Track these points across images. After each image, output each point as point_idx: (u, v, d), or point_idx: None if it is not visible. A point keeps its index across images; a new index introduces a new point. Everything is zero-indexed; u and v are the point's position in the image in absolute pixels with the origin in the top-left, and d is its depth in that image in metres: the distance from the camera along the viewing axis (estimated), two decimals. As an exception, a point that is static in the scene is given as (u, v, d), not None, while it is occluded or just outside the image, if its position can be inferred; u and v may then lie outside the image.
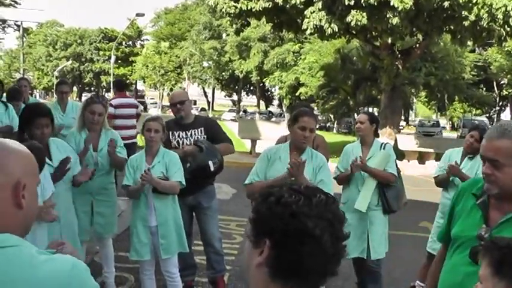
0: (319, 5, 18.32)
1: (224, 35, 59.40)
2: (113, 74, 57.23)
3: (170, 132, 6.16)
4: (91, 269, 1.83)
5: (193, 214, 6.42)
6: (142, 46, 73.51)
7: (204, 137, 6.23)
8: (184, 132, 6.26)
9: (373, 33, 21.06)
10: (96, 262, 6.97)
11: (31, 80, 45.65)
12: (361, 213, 5.86)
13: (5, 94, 8.08)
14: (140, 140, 5.90)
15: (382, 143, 6.25)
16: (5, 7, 52.24)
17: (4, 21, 59.49)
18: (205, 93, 71.54)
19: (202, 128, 6.29)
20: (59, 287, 1.69)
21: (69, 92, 8.96)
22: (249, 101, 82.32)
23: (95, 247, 6.90)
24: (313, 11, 18.55)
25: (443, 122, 61.87)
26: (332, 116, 43.45)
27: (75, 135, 5.97)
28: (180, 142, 6.23)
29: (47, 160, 4.74)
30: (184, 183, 5.54)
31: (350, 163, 5.90)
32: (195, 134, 6.26)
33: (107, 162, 5.98)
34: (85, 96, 68.83)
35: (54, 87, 8.87)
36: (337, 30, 18.69)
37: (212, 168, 5.91)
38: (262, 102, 68.32)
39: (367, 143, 6.16)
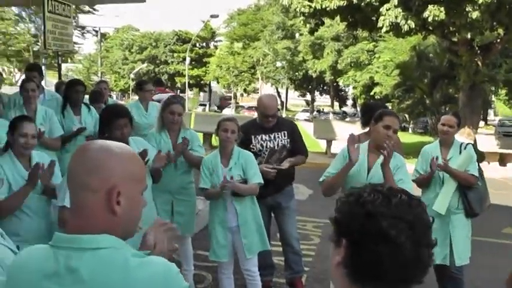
0: (395, 1, 17.88)
1: (297, 35, 59.31)
2: (188, 76, 58.03)
3: (252, 136, 6.09)
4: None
5: (272, 215, 6.37)
6: (215, 47, 74.18)
7: (287, 141, 6.14)
8: (267, 135, 6.16)
9: (451, 28, 20.29)
10: (175, 260, 6.95)
11: (109, 83, 46.68)
12: (442, 217, 5.62)
13: (87, 96, 8.14)
14: (214, 140, 5.86)
15: (462, 143, 5.95)
16: (84, 14, 53.92)
17: (83, 27, 61.38)
18: (278, 93, 71.59)
19: (286, 132, 6.19)
20: None
21: (153, 91, 9.07)
22: (323, 100, 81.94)
23: (174, 245, 6.85)
24: (389, 8, 18.15)
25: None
26: (407, 116, 42.62)
27: (155, 136, 6.00)
28: (264, 145, 6.13)
29: None
30: (262, 182, 5.48)
31: (429, 163, 5.68)
32: (278, 137, 6.16)
33: (186, 161, 5.97)
34: (160, 97, 69.96)
35: (138, 86, 8.94)
36: (413, 26, 18.22)
37: None
38: (336, 102, 68.00)
39: (447, 144, 5.91)
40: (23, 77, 8.99)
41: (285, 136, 6.16)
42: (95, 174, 1.76)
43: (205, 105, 73.25)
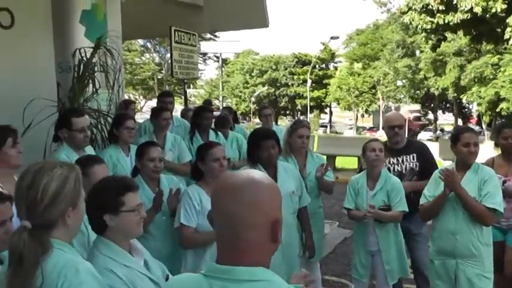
0: (523, 11, 17.30)
1: (418, 52, 58.16)
2: (309, 98, 58.20)
3: None
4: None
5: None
6: (335, 68, 74.01)
7: (416, 164, 6.00)
8: (395, 158, 6.07)
9: None
10: None
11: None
12: None
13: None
14: (344, 163, 5.87)
15: None
16: (206, 41, 55.60)
17: (205, 54, 63.28)
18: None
19: (415, 155, 6.06)
20: None
21: (272, 115, 9.20)
22: (445, 118, 79.68)
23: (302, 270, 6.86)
24: (516, 18, 17.56)
25: None
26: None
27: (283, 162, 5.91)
28: (392, 169, 6.03)
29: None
30: (407, 210, 5.44)
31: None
32: (406, 160, 6.05)
33: (316, 185, 5.95)
34: (280, 119, 70.62)
35: (258, 112, 9.16)
36: (543, 37, 17.53)
37: None
38: (459, 120, 65.99)
39: None
40: (148, 104, 9.35)
41: (413, 159, 6.02)
42: (257, 211, 1.79)
43: (326, 126, 73.18)
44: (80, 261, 2.40)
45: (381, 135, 35.97)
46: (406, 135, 6.69)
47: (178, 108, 10.88)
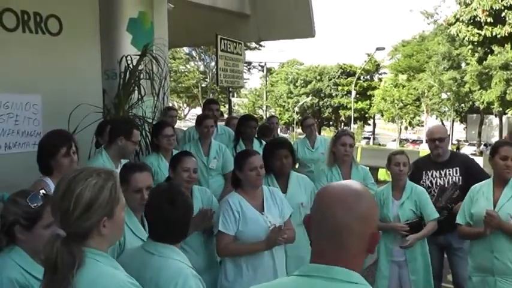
0: None
1: (463, 65, 57.45)
2: (353, 109, 57.95)
3: (424, 172, 6.00)
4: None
5: (445, 255, 6.19)
6: (380, 80, 73.52)
7: (459, 178, 5.90)
8: (438, 172, 6.00)
9: None
10: None
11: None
12: None
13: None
14: (386, 175, 5.88)
15: None
16: (251, 50, 55.91)
17: (250, 63, 63.57)
18: (443, 125, 69.45)
19: (458, 168, 5.96)
20: None
21: (315, 125, 9.16)
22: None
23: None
24: None
25: None
26: None
27: (326, 172, 5.98)
28: (434, 182, 5.98)
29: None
30: (439, 216, 5.51)
31: None
32: (449, 173, 5.96)
33: None
34: (324, 130, 70.42)
35: (300, 122, 9.19)
36: None
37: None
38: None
39: None
40: (192, 111, 9.38)
41: (456, 173, 5.93)
42: (365, 223, 1.86)
43: (369, 138, 72.74)
44: (114, 272, 2.38)
45: (424, 148, 35.61)
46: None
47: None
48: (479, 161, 23.10)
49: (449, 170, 5.97)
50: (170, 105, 9.38)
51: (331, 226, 1.86)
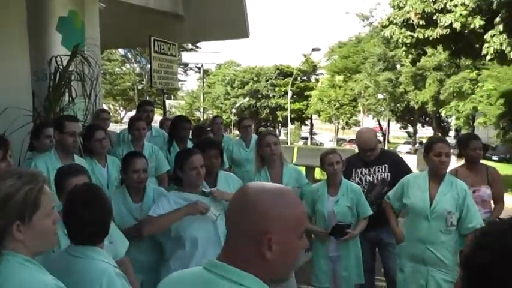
0: (500, 27, 17.39)
1: (398, 66, 58.52)
2: (290, 109, 58.27)
3: (353, 169, 6.12)
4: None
5: (376, 250, 6.37)
6: (317, 80, 74.16)
7: (387, 175, 6.06)
8: (367, 169, 6.15)
9: (560, 55, 19.48)
10: None
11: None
12: None
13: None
14: (321, 174, 5.95)
15: None
16: (187, 52, 55.56)
17: (186, 64, 63.26)
18: (380, 125, 70.66)
19: (387, 165, 6.11)
20: None
21: (252, 126, 9.20)
22: (425, 132, 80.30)
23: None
24: (494, 35, 17.65)
25: None
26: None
27: (255, 176, 5.95)
28: (363, 179, 6.12)
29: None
30: (372, 212, 5.67)
31: None
32: (378, 170, 6.12)
33: None
34: (262, 131, 70.51)
35: (237, 123, 9.18)
36: (520, 53, 17.64)
37: None
38: (438, 134, 66.36)
39: None
40: (128, 114, 9.26)
41: (385, 170, 6.09)
42: (247, 217, 1.78)
43: (306, 138, 73.28)
44: (40, 275, 2.32)
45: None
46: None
47: (158, 119, 10.81)
48: (414, 159, 23.58)
49: (378, 167, 6.11)
50: (103, 107, 9.21)
51: (229, 224, 1.85)
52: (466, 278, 1.65)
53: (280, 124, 72.87)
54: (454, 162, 6.14)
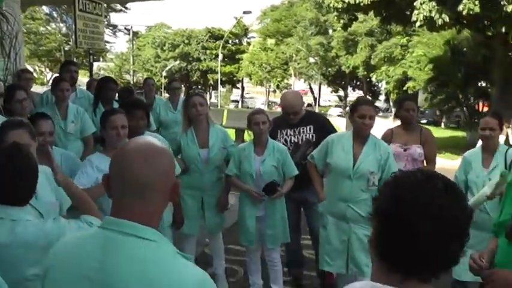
0: (429, -5, 17.66)
1: (330, 31, 58.94)
2: (220, 72, 58.03)
3: (279, 131, 6.15)
4: (202, 261, 1.84)
5: (302, 209, 6.50)
6: (248, 44, 74.04)
7: (312, 136, 6.12)
8: (292, 130, 6.19)
9: (486, 22, 19.74)
10: (207, 254, 7.26)
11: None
12: None
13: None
14: (247, 135, 5.93)
15: (508, 149, 5.28)
16: (116, 13, 54.45)
17: (115, 26, 61.94)
18: (311, 89, 71.25)
19: (312, 126, 6.16)
20: None
21: (181, 89, 9.09)
22: (355, 96, 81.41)
23: (205, 240, 7.06)
24: (423, 2, 17.93)
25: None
26: (440, 111, 41.86)
27: (182, 137, 5.94)
28: (288, 140, 6.18)
29: None
30: (298, 172, 5.72)
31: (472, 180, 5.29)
32: (303, 131, 6.17)
33: (218, 157, 5.92)
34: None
35: (166, 85, 9.08)
36: (447, 20, 17.94)
37: None
38: (368, 98, 67.22)
39: (490, 150, 5.30)
40: (54, 76, 8.99)
41: (310, 131, 6.15)
42: (167, 176, 1.87)
43: (237, 101, 73.33)
44: None
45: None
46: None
47: (84, 80, 10.55)
48: (344, 121, 23.87)
49: (303, 128, 6.17)
50: (26, 67, 8.90)
51: (130, 181, 1.81)
52: (379, 228, 1.69)
53: (211, 87, 72.56)
54: (391, 123, 6.25)
